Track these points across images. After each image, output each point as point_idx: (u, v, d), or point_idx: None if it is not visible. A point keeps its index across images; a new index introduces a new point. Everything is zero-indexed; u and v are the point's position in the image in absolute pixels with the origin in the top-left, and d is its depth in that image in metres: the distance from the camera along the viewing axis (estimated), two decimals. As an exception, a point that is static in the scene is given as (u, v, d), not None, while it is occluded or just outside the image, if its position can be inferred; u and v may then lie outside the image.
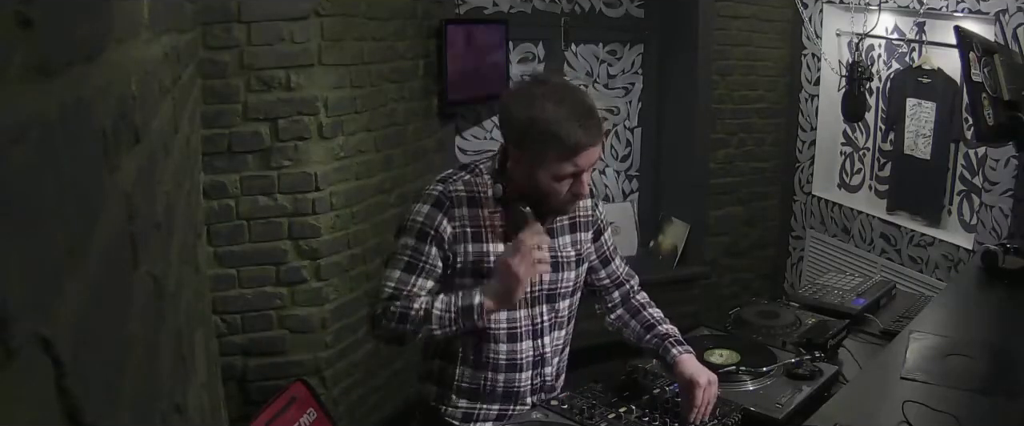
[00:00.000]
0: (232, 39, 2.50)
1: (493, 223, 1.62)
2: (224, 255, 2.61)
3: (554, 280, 1.71)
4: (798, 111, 4.25)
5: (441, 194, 1.59)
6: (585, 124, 1.51)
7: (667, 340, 1.75)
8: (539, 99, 1.52)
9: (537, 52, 3.99)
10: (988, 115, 2.30)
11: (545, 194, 1.58)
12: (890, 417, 1.50)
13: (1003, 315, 2.19)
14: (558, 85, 1.60)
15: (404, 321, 1.56)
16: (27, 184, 0.38)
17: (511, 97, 1.60)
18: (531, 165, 1.55)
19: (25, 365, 0.36)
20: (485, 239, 1.62)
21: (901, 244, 3.62)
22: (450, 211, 1.58)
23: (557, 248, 1.70)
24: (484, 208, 1.62)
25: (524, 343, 1.70)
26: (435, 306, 1.55)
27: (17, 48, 0.37)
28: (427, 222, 1.58)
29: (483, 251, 1.62)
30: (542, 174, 1.55)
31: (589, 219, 1.78)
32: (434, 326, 1.55)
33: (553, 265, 1.67)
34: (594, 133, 1.53)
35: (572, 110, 1.51)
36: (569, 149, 1.51)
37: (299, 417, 2.52)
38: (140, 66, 0.79)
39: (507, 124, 1.58)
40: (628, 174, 4.39)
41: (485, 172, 1.64)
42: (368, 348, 3.04)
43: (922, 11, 3.47)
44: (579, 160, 1.53)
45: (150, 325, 0.74)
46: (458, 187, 1.61)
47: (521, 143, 1.55)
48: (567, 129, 1.49)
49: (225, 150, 2.56)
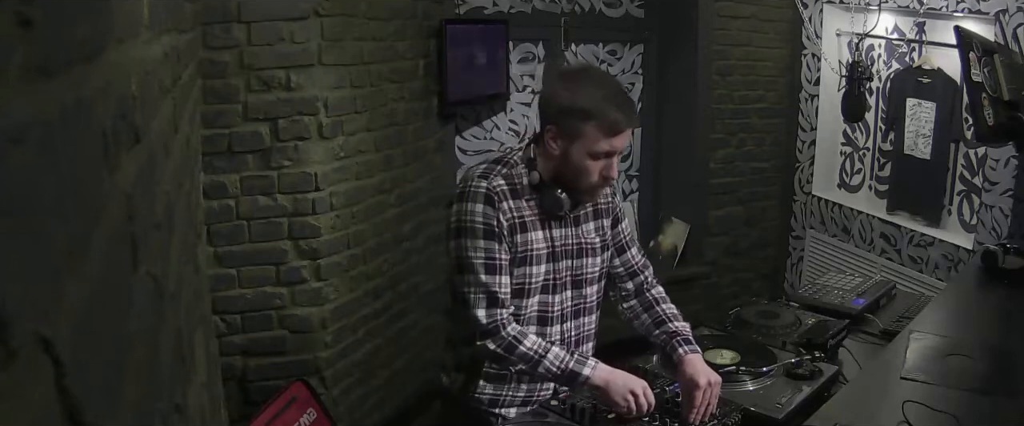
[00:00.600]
0: (232, 39, 2.50)
1: (532, 210, 1.69)
2: (224, 255, 2.61)
3: (580, 266, 1.77)
4: (798, 111, 4.25)
5: (488, 190, 1.63)
6: (624, 106, 1.62)
7: (675, 338, 1.78)
8: (583, 81, 1.63)
9: (537, 52, 3.99)
10: (988, 115, 2.30)
11: (578, 173, 1.64)
12: (890, 417, 1.50)
13: (1003, 315, 2.19)
14: (600, 73, 1.75)
15: (510, 352, 1.63)
16: (27, 184, 0.38)
17: (557, 78, 1.72)
18: (569, 141, 1.62)
19: (25, 365, 0.36)
20: (528, 228, 1.68)
21: (901, 244, 3.62)
22: (500, 205, 1.63)
23: (582, 234, 1.77)
24: (522, 197, 1.68)
25: (553, 327, 1.76)
26: (548, 357, 1.63)
27: (17, 48, 0.37)
28: (487, 220, 1.62)
29: (527, 240, 1.68)
30: (578, 150, 1.61)
31: (609, 207, 1.85)
32: (539, 372, 1.64)
33: (578, 251, 1.76)
34: (631, 116, 1.64)
35: (613, 93, 1.63)
36: (608, 126, 1.59)
37: (299, 417, 2.52)
38: (140, 66, 0.79)
39: (550, 102, 1.66)
40: (628, 174, 4.39)
41: (519, 162, 1.70)
42: (368, 348, 3.04)
43: (922, 11, 3.47)
44: (615, 140, 1.61)
45: (150, 325, 0.74)
46: (499, 181, 1.65)
47: (563, 120, 1.62)
48: (608, 108, 1.59)
49: (225, 150, 2.55)
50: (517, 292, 1.69)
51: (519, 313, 1.70)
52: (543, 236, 1.70)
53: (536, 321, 1.74)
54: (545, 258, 1.71)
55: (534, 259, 1.69)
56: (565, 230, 1.74)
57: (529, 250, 1.68)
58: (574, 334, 1.81)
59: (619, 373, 1.66)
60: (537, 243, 1.68)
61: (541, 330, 1.74)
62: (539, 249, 1.69)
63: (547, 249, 1.71)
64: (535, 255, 1.69)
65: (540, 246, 1.69)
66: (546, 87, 1.73)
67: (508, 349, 1.63)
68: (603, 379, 1.63)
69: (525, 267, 1.68)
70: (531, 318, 1.73)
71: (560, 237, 1.73)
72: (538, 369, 1.64)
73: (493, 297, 1.63)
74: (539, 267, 1.70)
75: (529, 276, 1.69)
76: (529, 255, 1.68)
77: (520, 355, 1.63)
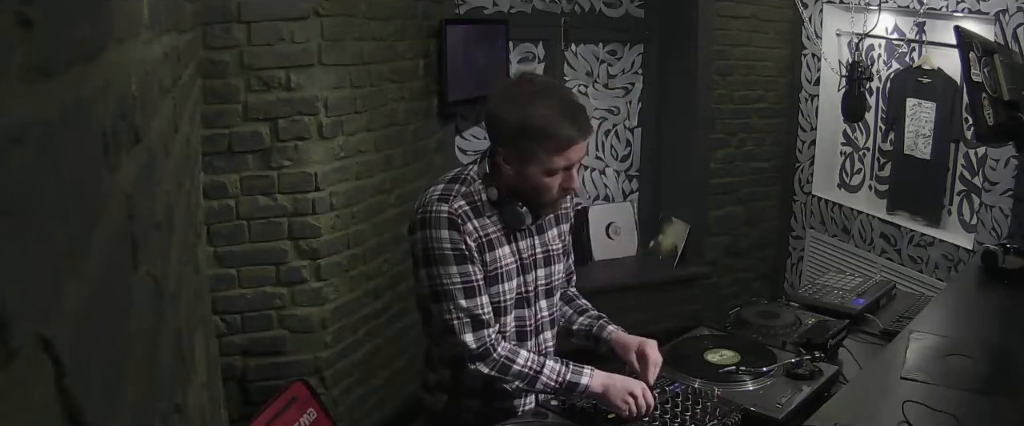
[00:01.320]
0: (232, 39, 2.50)
1: (495, 226, 1.64)
2: (224, 255, 2.61)
3: (549, 274, 1.75)
4: (798, 111, 4.25)
5: (450, 214, 1.57)
6: (576, 119, 1.54)
7: (601, 320, 1.83)
8: (528, 98, 1.54)
9: (537, 52, 3.99)
10: (988, 115, 2.30)
11: (537, 190, 1.59)
12: (890, 417, 1.50)
13: (1003, 315, 2.19)
14: (544, 83, 1.64)
15: (505, 372, 1.61)
16: (27, 184, 0.38)
17: (499, 98, 1.60)
18: (523, 162, 1.57)
19: (25, 365, 0.36)
20: (494, 245, 1.64)
21: (901, 244, 3.62)
22: (463, 228, 1.57)
23: (548, 242, 1.74)
24: (484, 215, 1.62)
25: (532, 340, 1.75)
26: (544, 371, 1.62)
27: (17, 48, 0.37)
28: (455, 245, 1.57)
29: (495, 258, 1.63)
30: (533, 171, 1.56)
31: (568, 212, 1.82)
32: (537, 388, 1.63)
33: (545, 259, 1.74)
34: (584, 126, 1.56)
35: (562, 107, 1.54)
36: (562, 144, 1.53)
37: (299, 417, 2.52)
38: (140, 66, 0.79)
39: (497, 125, 1.59)
40: (628, 174, 4.39)
41: (476, 178, 1.64)
42: (368, 348, 3.04)
43: (922, 11, 3.47)
44: (570, 154, 1.56)
45: (150, 325, 0.74)
46: (459, 202, 1.59)
47: (513, 142, 1.56)
48: (559, 125, 1.52)
49: (225, 150, 2.56)
50: (495, 311, 1.65)
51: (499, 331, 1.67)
52: (510, 250, 1.66)
53: (515, 337, 1.71)
54: (515, 272, 1.67)
55: (504, 276, 1.65)
56: (530, 240, 1.70)
57: (499, 267, 1.64)
58: (551, 344, 1.80)
59: (616, 377, 1.65)
60: (505, 258, 1.65)
61: (521, 345, 1.71)
62: (508, 264, 1.65)
63: (515, 263, 1.67)
64: (505, 271, 1.65)
65: (508, 261, 1.66)
66: (490, 108, 1.62)
67: (503, 370, 1.60)
68: (602, 385, 1.62)
69: (497, 285, 1.64)
70: (510, 335, 1.70)
71: (527, 248, 1.69)
72: (536, 385, 1.63)
73: (478, 320, 1.59)
74: (510, 283, 1.66)
75: (502, 294, 1.66)
76: (499, 272, 1.64)
77: (515, 374, 1.61)
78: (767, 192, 4.34)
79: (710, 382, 1.77)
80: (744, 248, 4.33)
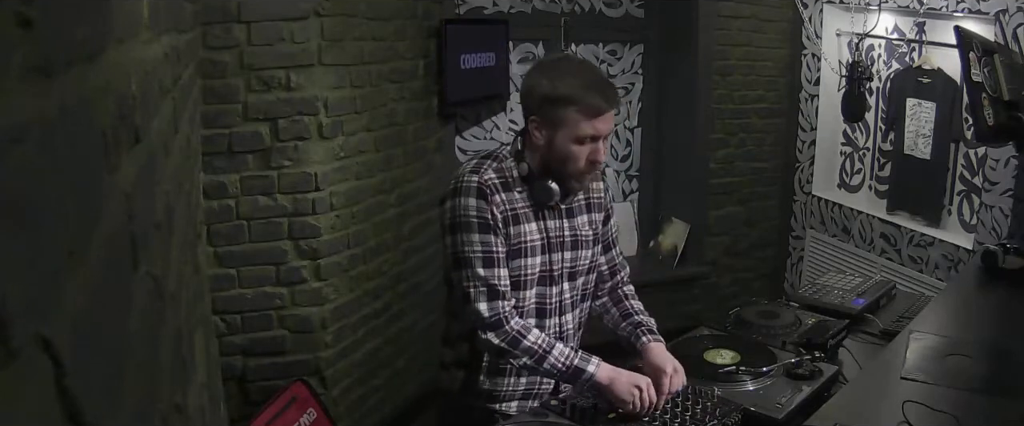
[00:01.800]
0: (232, 39, 2.50)
1: (524, 202, 1.69)
2: (224, 255, 2.61)
3: (574, 258, 1.78)
4: (798, 111, 4.25)
5: (480, 184, 1.63)
6: (604, 90, 1.63)
7: (640, 328, 1.83)
8: (563, 69, 1.65)
9: (537, 52, 3.99)
10: (988, 115, 2.30)
11: (565, 160, 1.65)
12: (890, 417, 1.50)
13: (1003, 315, 2.19)
14: (580, 60, 1.77)
15: (515, 346, 1.63)
16: (27, 184, 0.38)
17: (537, 69, 1.70)
18: (553, 129, 1.63)
19: (25, 365, 0.36)
20: (521, 220, 1.69)
21: (901, 244, 3.62)
22: (491, 198, 1.64)
23: (577, 227, 1.78)
24: (514, 190, 1.68)
25: (551, 319, 1.77)
26: (552, 353, 1.63)
27: (17, 48, 0.37)
28: (482, 213, 1.63)
29: (520, 232, 1.68)
30: (562, 137, 1.63)
31: (601, 201, 1.85)
32: (544, 367, 1.64)
33: (573, 243, 1.77)
34: (613, 98, 1.64)
35: (593, 78, 1.64)
36: (590, 110, 1.60)
37: (299, 417, 2.52)
38: (140, 66, 0.79)
39: (531, 93, 1.66)
40: (628, 174, 4.39)
41: (508, 155, 1.71)
42: (368, 348, 3.04)
43: (922, 11, 3.47)
44: (598, 123, 1.62)
45: (150, 325, 0.74)
46: (490, 175, 1.66)
47: (544, 108, 1.63)
48: (588, 93, 1.60)
49: (225, 150, 2.55)
50: (514, 284, 1.70)
51: (517, 305, 1.71)
52: (537, 227, 1.71)
53: (535, 314, 1.74)
54: (540, 249, 1.71)
55: (529, 251, 1.69)
56: (559, 221, 1.74)
57: (523, 242, 1.68)
58: (571, 326, 1.82)
59: (622, 371, 1.67)
60: (531, 235, 1.69)
61: (540, 323, 1.75)
62: (533, 241, 1.70)
63: (541, 240, 1.71)
64: (529, 246, 1.69)
65: (534, 238, 1.70)
66: (526, 79, 1.71)
67: (512, 343, 1.62)
68: (608, 376, 1.64)
69: (520, 259, 1.68)
70: (529, 310, 1.73)
71: (554, 228, 1.73)
72: (543, 365, 1.64)
73: (494, 290, 1.63)
74: (534, 259, 1.70)
75: (524, 268, 1.70)
76: (524, 247, 1.68)
77: (524, 349, 1.63)
78: (767, 192, 4.34)
79: (710, 382, 1.77)
80: (744, 248, 4.33)
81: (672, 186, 4.30)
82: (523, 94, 1.71)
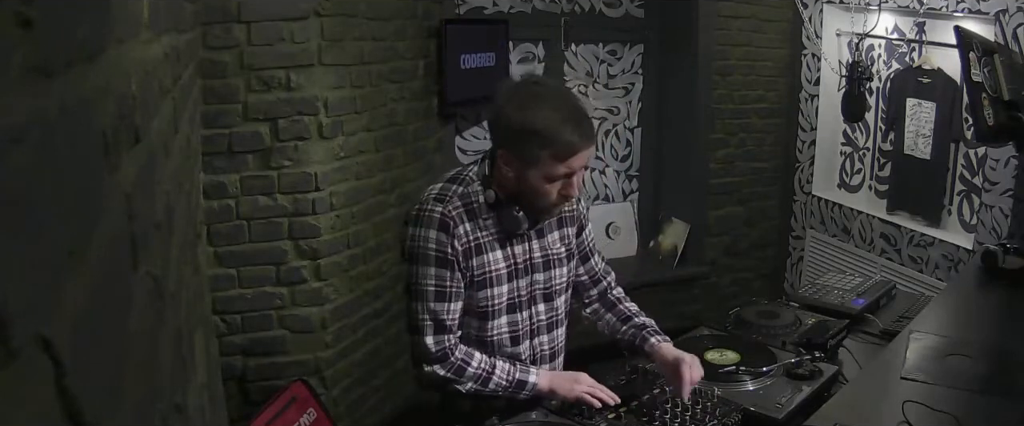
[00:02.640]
0: (232, 39, 2.50)
1: (489, 230, 1.64)
2: (224, 255, 2.61)
3: (549, 278, 1.74)
4: (798, 111, 4.25)
5: (443, 216, 1.58)
6: (580, 127, 1.53)
7: (645, 330, 1.81)
8: (534, 101, 1.53)
9: (537, 52, 3.99)
10: (988, 115, 2.30)
11: (536, 195, 1.59)
12: (890, 417, 1.50)
13: (1003, 315, 2.19)
14: (551, 88, 1.63)
15: (461, 374, 1.63)
16: (27, 184, 0.38)
17: (505, 99, 1.58)
18: (523, 166, 1.56)
19: (25, 365, 0.36)
20: (485, 250, 1.64)
21: (901, 244, 3.62)
22: (454, 231, 1.58)
23: (548, 246, 1.73)
24: (479, 218, 1.62)
25: (523, 344, 1.74)
26: (495, 373, 1.65)
27: (17, 48, 0.37)
28: (440, 247, 1.58)
29: (484, 262, 1.64)
30: (534, 175, 1.55)
31: (574, 214, 1.80)
32: (489, 388, 1.65)
33: (544, 264, 1.72)
34: (588, 133, 1.55)
35: (568, 113, 1.53)
36: (564, 151, 1.52)
37: (299, 417, 2.52)
38: (140, 66, 0.79)
39: (501, 127, 1.58)
40: (628, 174, 4.39)
41: (475, 179, 1.64)
42: (368, 348, 3.04)
43: (922, 11, 3.47)
44: (573, 162, 1.55)
45: (150, 325, 0.74)
46: (456, 204, 1.60)
47: (515, 145, 1.55)
48: (562, 132, 1.51)
49: (225, 150, 2.55)
50: (482, 314, 1.67)
51: (490, 334, 1.69)
52: (503, 255, 1.65)
53: (508, 342, 1.71)
54: (506, 277, 1.67)
55: (494, 280, 1.65)
56: (527, 245, 1.69)
57: (488, 272, 1.64)
58: (549, 347, 1.79)
59: (556, 373, 1.72)
60: (496, 264, 1.65)
61: (514, 349, 1.72)
62: (498, 270, 1.65)
63: (508, 268, 1.67)
64: (495, 276, 1.65)
65: (499, 266, 1.65)
66: (495, 107, 1.59)
67: (458, 372, 1.62)
68: (548, 379, 1.68)
69: (486, 290, 1.64)
70: (503, 339, 1.70)
71: (522, 253, 1.68)
72: (488, 386, 1.64)
73: (441, 324, 1.61)
74: (500, 288, 1.66)
75: (491, 298, 1.66)
76: (488, 277, 1.64)
77: (470, 376, 1.63)
78: (767, 192, 4.34)
79: (710, 382, 1.77)
80: (744, 248, 4.33)
81: (672, 186, 4.30)
82: (491, 124, 1.63)
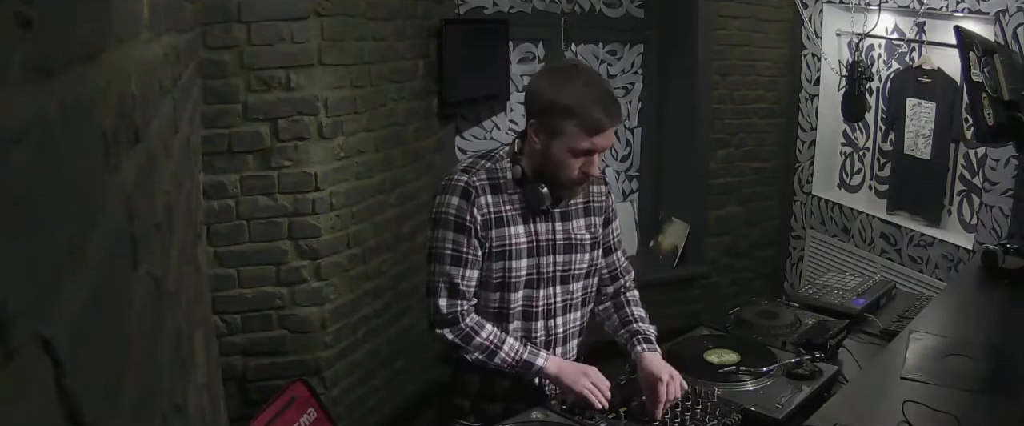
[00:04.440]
0: (232, 39, 2.50)
1: (513, 205, 1.70)
2: (224, 255, 2.61)
3: (568, 261, 1.77)
4: (798, 111, 4.25)
5: (467, 184, 1.66)
6: (608, 106, 1.62)
7: (636, 336, 1.82)
8: (570, 78, 1.63)
9: (537, 52, 3.99)
10: (988, 115, 2.30)
11: (558, 169, 1.65)
12: (890, 417, 1.50)
13: (1003, 315, 2.19)
14: (588, 71, 1.72)
15: (467, 341, 1.68)
16: (27, 184, 0.38)
17: (544, 74, 1.71)
18: (551, 135, 1.63)
19: (25, 365, 0.36)
20: (507, 223, 1.69)
21: (901, 244, 3.62)
22: (476, 200, 1.65)
23: (572, 230, 1.77)
24: (504, 192, 1.69)
25: (538, 322, 1.77)
26: (503, 348, 1.68)
27: (17, 48, 0.37)
28: (460, 214, 1.65)
29: (505, 235, 1.69)
30: (559, 146, 1.62)
31: (602, 204, 1.84)
32: (495, 362, 1.68)
33: (565, 246, 1.77)
34: (615, 115, 1.64)
35: (598, 92, 1.62)
36: (590, 124, 1.60)
37: (299, 417, 2.52)
38: (140, 66, 0.79)
39: (535, 97, 1.66)
40: (628, 174, 4.39)
41: (505, 157, 1.72)
42: (368, 348, 3.04)
43: (922, 11, 3.47)
44: (597, 139, 1.62)
45: (150, 325, 0.74)
46: (481, 176, 1.68)
47: (545, 115, 1.62)
48: (592, 108, 1.59)
49: (225, 150, 2.56)
50: (501, 285, 1.71)
51: (504, 307, 1.72)
52: (525, 230, 1.71)
53: (521, 316, 1.75)
54: (526, 252, 1.71)
55: (514, 253, 1.70)
56: (550, 225, 1.74)
57: (507, 245, 1.69)
58: (562, 330, 1.81)
59: (569, 363, 1.73)
60: (517, 238, 1.70)
61: (526, 325, 1.76)
62: (519, 244, 1.70)
63: (528, 244, 1.71)
64: (515, 249, 1.70)
65: (520, 241, 1.70)
66: (531, 82, 1.73)
67: (465, 339, 1.67)
68: (557, 366, 1.70)
69: (505, 261, 1.69)
70: (516, 313, 1.74)
71: (544, 232, 1.73)
72: (494, 359, 1.68)
73: (455, 288, 1.67)
74: (520, 262, 1.71)
75: (510, 270, 1.70)
76: (508, 249, 1.69)
77: (477, 345, 1.67)
78: (767, 192, 4.34)
79: (710, 382, 1.77)
80: (744, 248, 4.33)
81: (672, 186, 4.30)
82: (526, 97, 1.71)
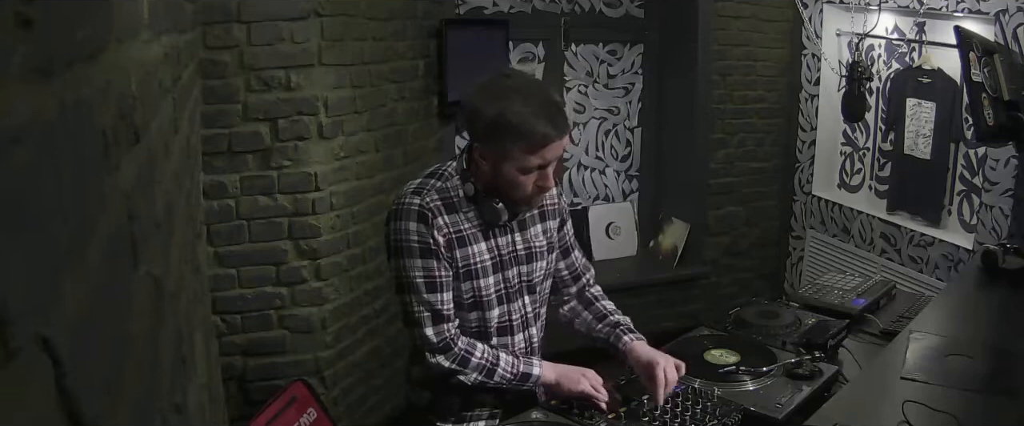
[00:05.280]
0: (232, 39, 2.50)
1: (471, 222, 1.64)
2: (224, 255, 2.61)
3: (531, 271, 1.74)
4: (798, 111, 4.25)
5: (421, 207, 1.58)
6: (553, 118, 1.53)
7: (619, 328, 1.80)
8: (505, 94, 1.53)
9: (537, 52, 3.99)
10: (988, 115, 2.30)
11: (512, 188, 1.59)
12: (890, 417, 1.50)
13: (1003, 315, 2.19)
14: (524, 80, 1.63)
15: (465, 365, 1.63)
16: (27, 184, 0.38)
17: (477, 94, 1.58)
18: (498, 159, 1.56)
19: (25, 365, 0.36)
20: (468, 241, 1.64)
21: (901, 244, 3.62)
22: (434, 222, 1.58)
23: (530, 239, 1.73)
24: (459, 211, 1.63)
25: (517, 335, 1.75)
26: (500, 364, 1.66)
27: (17, 48, 0.37)
28: (422, 238, 1.58)
29: (469, 254, 1.64)
30: (508, 168, 1.56)
31: (555, 208, 1.80)
32: (494, 379, 1.65)
33: (527, 256, 1.73)
34: (561, 125, 1.55)
35: (539, 106, 1.53)
36: (537, 143, 1.53)
37: (299, 417, 2.52)
38: (140, 66, 0.79)
39: (474, 120, 1.58)
40: (628, 174, 4.39)
41: (454, 174, 1.64)
42: (368, 348, 3.04)
43: (922, 11, 3.47)
44: (546, 153, 1.55)
45: (150, 325, 0.74)
46: (433, 197, 1.60)
47: (489, 138, 1.55)
48: (535, 124, 1.51)
49: (225, 150, 2.55)
50: (471, 306, 1.67)
51: (483, 326, 1.69)
52: (487, 247, 1.66)
53: (497, 332, 1.71)
54: (491, 269, 1.67)
55: (479, 272, 1.65)
56: (510, 237, 1.69)
57: (472, 264, 1.64)
58: (538, 337, 1.80)
59: (564, 366, 1.71)
60: (480, 255, 1.65)
61: (503, 340, 1.72)
62: (483, 261, 1.65)
63: (492, 260, 1.67)
64: (480, 268, 1.65)
65: (483, 258, 1.65)
66: (467, 102, 1.61)
67: (462, 363, 1.62)
68: (554, 372, 1.69)
69: (473, 281, 1.65)
70: (493, 330, 1.70)
71: (505, 245, 1.69)
72: (493, 377, 1.64)
73: (438, 314, 1.61)
74: (487, 279, 1.66)
75: (478, 289, 1.66)
76: (473, 268, 1.64)
77: (474, 367, 1.63)
78: (767, 192, 4.34)
79: (710, 382, 1.77)
80: (744, 248, 4.33)
81: (672, 186, 4.30)
82: (466, 118, 1.63)
